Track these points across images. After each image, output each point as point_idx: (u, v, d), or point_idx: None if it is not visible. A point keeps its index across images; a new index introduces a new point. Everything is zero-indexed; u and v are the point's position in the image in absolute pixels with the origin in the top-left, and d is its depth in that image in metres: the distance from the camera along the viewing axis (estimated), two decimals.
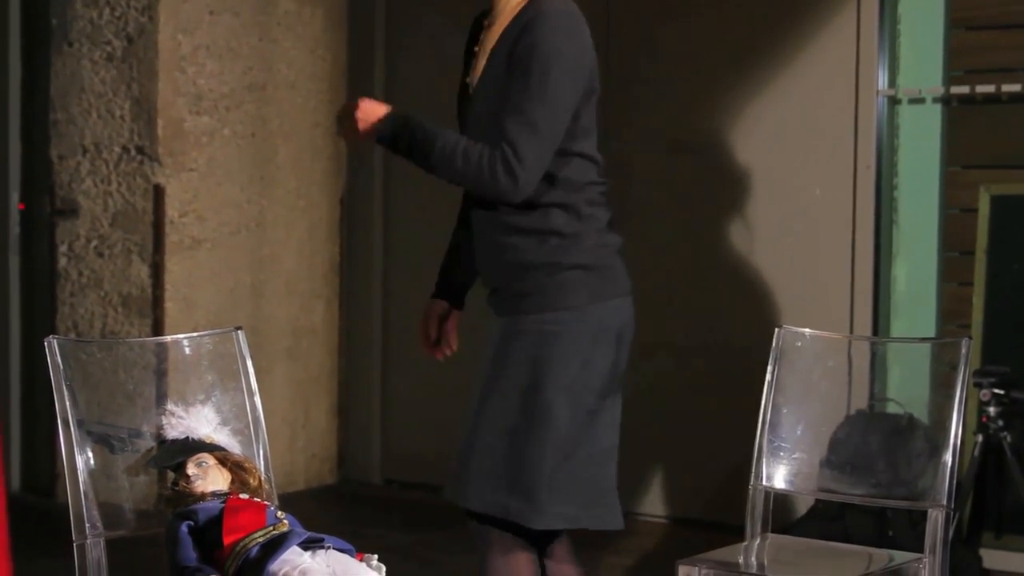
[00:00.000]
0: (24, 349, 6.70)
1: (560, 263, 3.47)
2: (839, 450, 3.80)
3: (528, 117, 3.34)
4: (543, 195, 3.44)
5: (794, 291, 5.89)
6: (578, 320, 3.49)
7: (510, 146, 3.33)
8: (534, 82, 3.35)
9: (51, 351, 3.19)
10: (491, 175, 3.34)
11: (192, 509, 3.09)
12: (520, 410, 3.47)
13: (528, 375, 3.48)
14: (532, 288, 3.47)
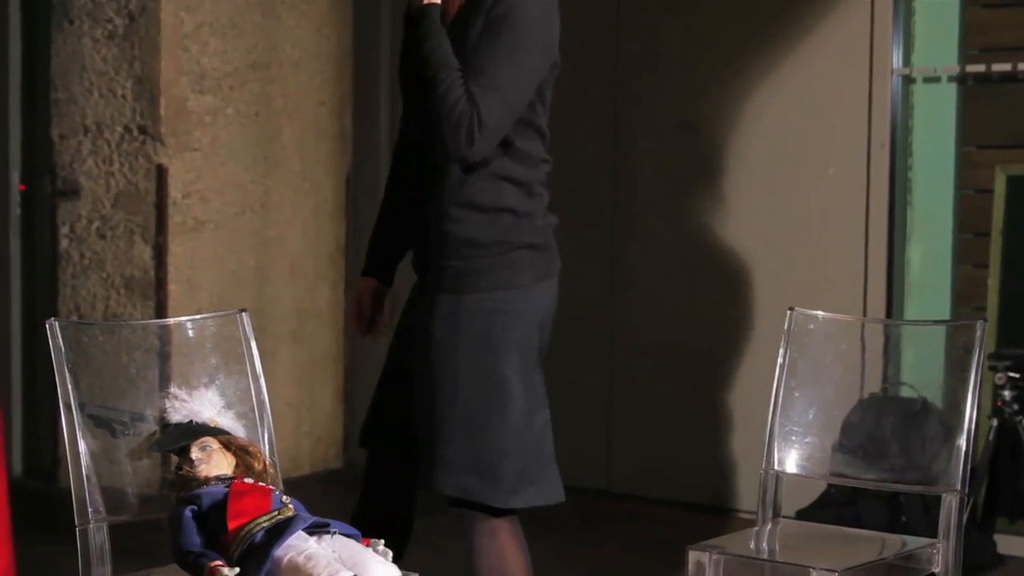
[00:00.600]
0: (25, 332, 6.71)
1: (511, 242, 3.50)
2: (852, 434, 3.80)
3: (495, 81, 3.35)
4: (499, 167, 3.47)
5: (807, 273, 5.89)
6: (526, 299, 3.54)
7: (474, 107, 3.33)
8: (506, 46, 3.36)
9: (52, 334, 3.19)
10: (455, 125, 3.33)
11: (196, 494, 3.09)
12: (476, 390, 3.50)
13: (481, 354, 3.50)
14: (482, 266, 3.49)
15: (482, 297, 3.51)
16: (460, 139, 3.35)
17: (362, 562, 2.97)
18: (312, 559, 2.94)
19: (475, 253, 3.50)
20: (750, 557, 3.46)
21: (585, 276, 6.43)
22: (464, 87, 3.35)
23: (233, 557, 3.00)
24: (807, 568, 3.31)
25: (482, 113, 3.34)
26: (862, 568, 3.37)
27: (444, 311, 3.53)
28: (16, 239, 6.71)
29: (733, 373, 6.05)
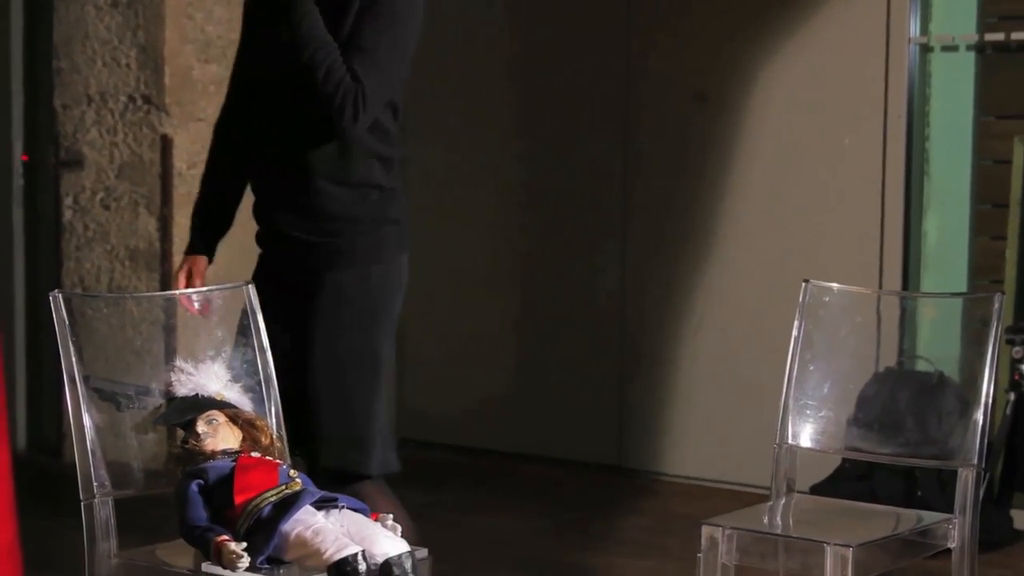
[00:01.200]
0: (28, 305, 6.72)
1: (379, 217, 3.62)
2: (867, 408, 3.81)
3: (377, 58, 3.47)
4: (367, 144, 3.55)
5: (822, 244, 5.89)
6: (393, 273, 3.68)
7: (359, 84, 3.45)
8: (386, 25, 3.48)
9: (56, 306, 3.20)
10: (341, 103, 3.46)
11: (202, 468, 3.10)
12: (356, 365, 3.60)
13: (361, 330, 3.60)
14: (356, 242, 3.56)
15: (354, 273, 3.61)
16: (346, 116, 3.47)
17: (370, 536, 2.99)
18: (320, 534, 2.95)
19: (348, 229, 3.58)
20: (763, 532, 3.47)
21: (597, 248, 6.43)
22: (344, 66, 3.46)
23: (240, 532, 3.01)
24: (821, 543, 3.32)
25: (366, 90, 3.46)
26: (877, 543, 3.38)
27: (322, 289, 3.57)
28: (19, 210, 6.72)
29: (747, 346, 6.05)
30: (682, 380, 6.26)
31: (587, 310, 6.47)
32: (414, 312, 6.90)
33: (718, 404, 6.16)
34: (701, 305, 6.20)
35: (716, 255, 6.15)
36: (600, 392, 6.45)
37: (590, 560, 5.16)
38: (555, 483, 6.28)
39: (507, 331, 6.67)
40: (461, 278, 6.77)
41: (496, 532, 5.58)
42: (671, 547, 5.28)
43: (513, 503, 5.95)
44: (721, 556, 3.44)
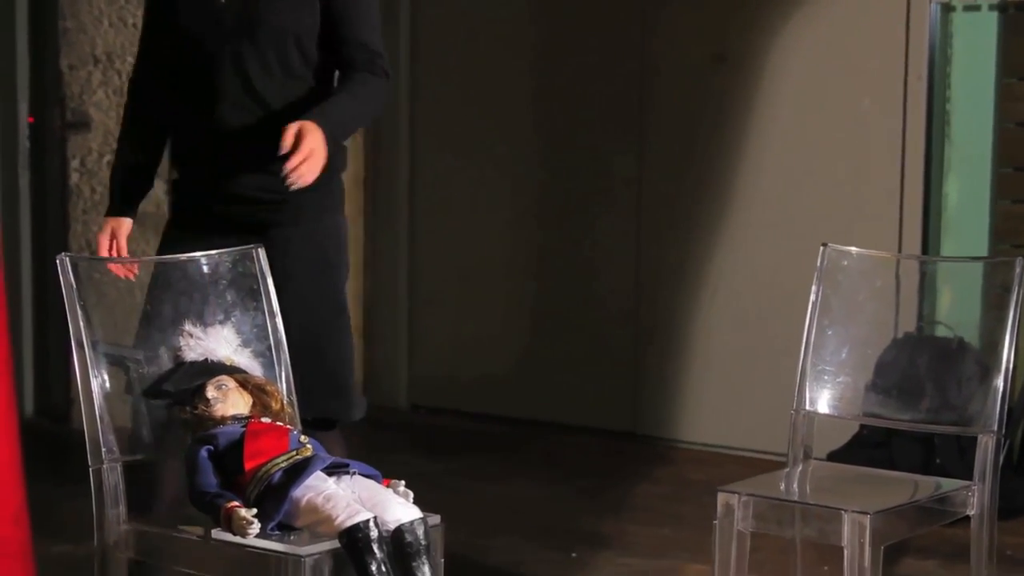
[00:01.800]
0: (35, 269, 6.74)
1: (336, 168, 3.71)
2: (886, 374, 3.81)
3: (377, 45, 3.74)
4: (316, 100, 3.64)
5: (840, 208, 5.88)
6: (345, 223, 3.81)
7: (380, 57, 3.72)
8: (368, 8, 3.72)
9: (63, 270, 3.21)
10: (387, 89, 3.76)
11: (212, 433, 3.12)
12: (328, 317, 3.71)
13: (328, 282, 3.70)
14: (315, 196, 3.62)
15: (320, 225, 3.70)
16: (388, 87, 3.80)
17: (382, 503, 3.00)
18: (331, 500, 2.96)
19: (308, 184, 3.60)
20: (780, 499, 3.48)
21: (612, 214, 6.43)
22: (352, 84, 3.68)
23: (250, 498, 3.02)
24: (839, 510, 3.33)
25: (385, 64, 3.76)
26: (895, 510, 3.39)
27: (288, 244, 3.63)
28: (25, 173, 6.73)
29: (764, 311, 6.05)
30: (698, 346, 6.26)
31: (602, 276, 6.47)
32: (427, 277, 6.91)
33: (734, 370, 6.17)
34: (717, 270, 6.20)
35: (732, 219, 6.15)
36: (615, 358, 6.46)
37: (604, 528, 5.17)
38: (569, 450, 6.29)
39: (521, 297, 6.68)
40: (475, 243, 6.77)
41: (509, 499, 5.59)
42: (686, 514, 5.30)
43: (526, 470, 5.97)
44: (737, 523, 3.45)
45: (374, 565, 2.89)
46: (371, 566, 2.88)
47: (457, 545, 4.02)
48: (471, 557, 4.83)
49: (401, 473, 3.18)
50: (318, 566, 2.93)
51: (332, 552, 2.95)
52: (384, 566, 2.89)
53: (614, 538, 5.08)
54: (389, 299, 7.00)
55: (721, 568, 3.47)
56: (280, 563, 2.93)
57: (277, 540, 2.99)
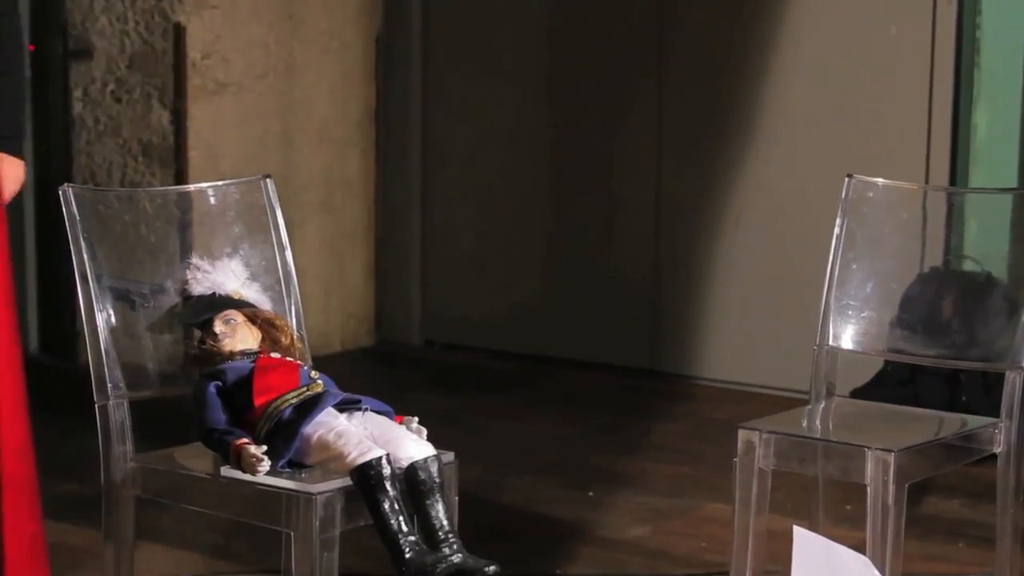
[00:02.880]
0: (38, 202, 6.74)
1: None
2: (911, 309, 3.81)
3: None
4: None
5: (865, 138, 5.86)
6: None
7: None
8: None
9: (67, 201, 3.21)
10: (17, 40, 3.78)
11: (220, 369, 3.13)
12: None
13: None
14: None
15: None
16: None
17: (395, 440, 3.01)
18: (343, 437, 2.98)
19: None
20: (802, 436, 3.49)
21: (631, 147, 6.42)
22: None
23: (260, 435, 3.04)
24: (862, 448, 3.34)
25: None
26: (919, 448, 3.40)
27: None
28: (27, 103, 6.71)
29: (786, 245, 6.04)
30: (718, 281, 6.26)
31: (621, 208, 6.47)
32: (440, 210, 6.91)
33: (756, 305, 6.17)
34: (739, 203, 6.19)
35: (755, 150, 6.13)
36: (633, 293, 6.46)
37: (621, 466, 5.19)
38: (586, 387, 6.31)
39: (537, 231, 6.68)
40: (490, 175, 6.76)
41: (524, 437, 5.61)
42: (706, 452, 5.32)
43: (542, 408, 5.98)
44: (758, 461, 3.46)
45: (387, 503, 2.90)
46: (383, 504, 2.90)
47: (471, 483, 4.04)
48: (485, 495, 4.86)
49: (414, 410, 3.19)
50: (330, 504, 2.95)
51: (344, 490, 2.97)
52: (397, 504, 2.91)
53: (632, 477, 5.10)
54: (401, 233, 7.00)
55: (741, 507, 3.49)
56: (291, 501, 2.95)
57: (287, 478, 3.00)
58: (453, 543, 2.93)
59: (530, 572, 4.22)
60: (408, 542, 2.90)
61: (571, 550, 4.44)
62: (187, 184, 5.29)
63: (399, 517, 2.91)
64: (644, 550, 4.45)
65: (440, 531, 2.94)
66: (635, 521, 4.69)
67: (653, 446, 5.45)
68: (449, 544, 2.93)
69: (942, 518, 4.70)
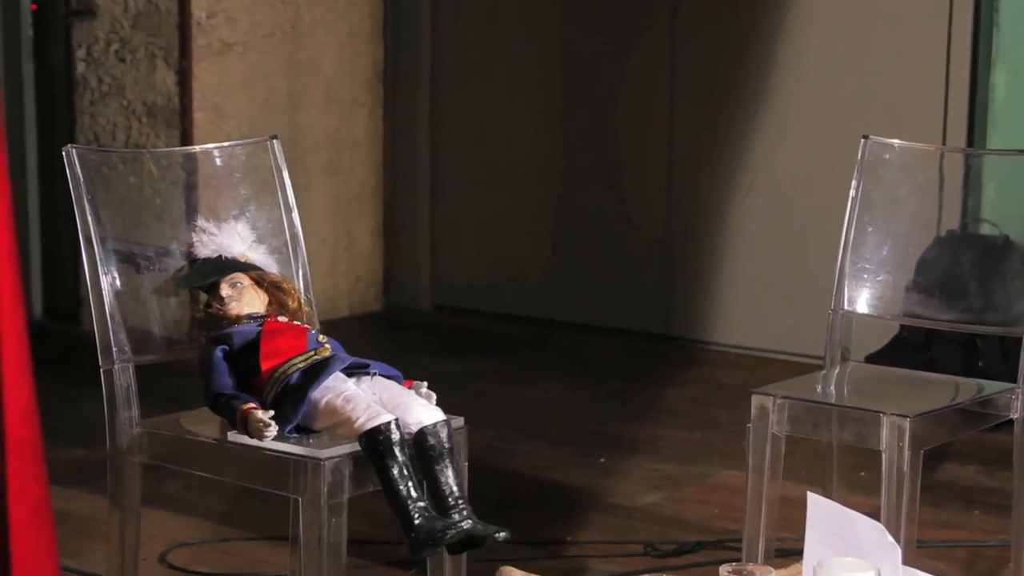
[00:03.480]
0: (41, 164, 6.75)
1: None
2: (927, 272, 3.81)
3: None
4: None
5: (882, 99, 5.85)
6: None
7: None
8: None
9: (70, 162, 3.21)
10: None
11: (226, 333, 3.13)
12: None
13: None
14: None
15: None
16: None
17: (403, 405, 3.01)
18: (351, 401, 2.98)
19: None
20: (816, 402, 3.49)
21: (643, 108, 6.41)
22: None
23: (267, 399, 3.05)
24: (877, 413, 3.34)
25: None
26: (935, 414, 3.40)
27: None
28: (29, 63, 6.71)
29: (801, 207, 6.04)
30: (732, 244, 6.26)
31: (633, 171, 6.46)
32: (450, 173, 6.90)
33: (770, 269, 6.17)
34: (753, 165, 6.19)
35: (769, 111, 6.12)
36: (646, 257, 6.46)
37: (633, 432, 5.20)
38: (597, 352, 6.32)
39: (548, 193, 6.67)
40: (501, 136, 6.76)
41: (535, 402, 5.62)
42: (719, 418, 5.33)
43: (553, 373, 5.99)
44: (771, 426, 3.46)
45: (395, 468, 2.91)
46: (392, 469, 2.91)
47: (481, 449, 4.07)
48: (495, 461, 4.87)
49: (423, 375, 3.19)
50: (338, 469, 2.96)
51: (352, 455, 2.97)
52: (406, 469, 2.91)
53: (643, 443, 5.11)
54: (410, 196, 7.00)
55: (754, 473, 3.49)
56: (298, 467, 2.96)
57: (295, 443, 3.01)
58: (463, 509, 2.94)
59: (540, 539, 4.23)
60: (417, 508, 2.90)
61: (582, 517, 4.45)
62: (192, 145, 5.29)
63: (408, 483, 2.91)
64: (656, 517, 4.46)
65: (449, 497, 2.94)
66: (647, 488, 4.70)
67: (665, 412, 5.46)
68: (459, 510, 2.93)
69: (958, 485, 4.71)
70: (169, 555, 4.12)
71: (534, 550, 4.13)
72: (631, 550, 4.20)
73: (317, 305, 3.48)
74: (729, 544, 4.15)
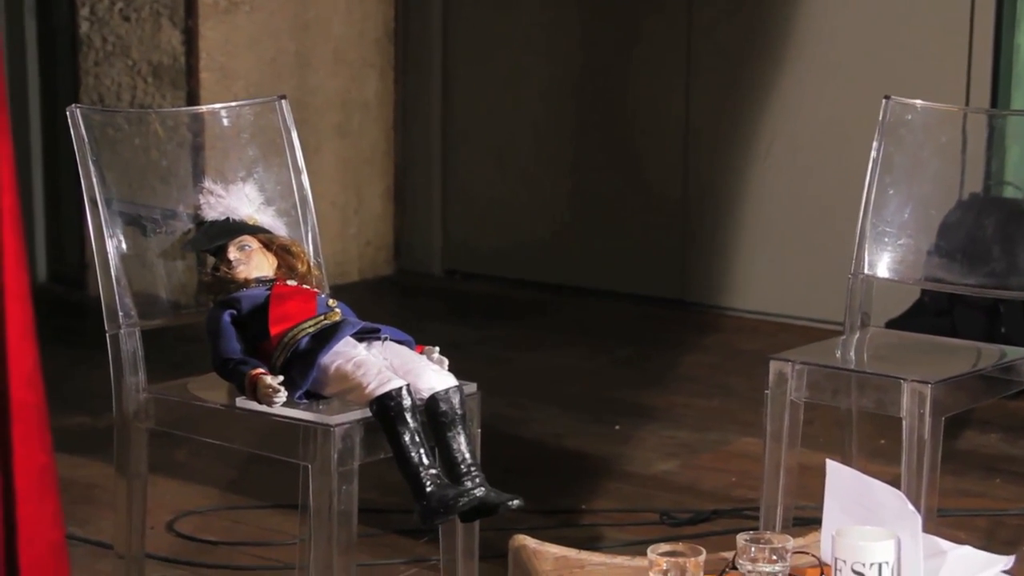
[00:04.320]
0: (45, 127, 6.75)
1: None
2: (949, 236, 3.81)
3: None
4: None
5: (904, 59, 5.84)
6: None
7: None
8: None
9: (74, 122, 3.21)
10: None
11: (235, 297, 3.14)
12: None
13: None
14: None
15: None
16: None
17: (415, 370, 3.02)
18: (362, 367, 2.98)
19: None
20: (836, 367, 3.49)
21: (659, 67, 6.39)
22: None
23: (276, 365, 3.05)
24: (898, 379, 3.34)
25: None
26: (957, 380, 3.40)
27: None
28: (32, 22, 6.71)
29: (821, 169, 6.03)
30: (750, 207, 6.25)
31: (648, 132, 6.45)
32: (461, 136, 6.90)
33: (789, 232, 6.16)
34: (771, 126, 6.17)
35: (788, 71, 6.11)
36: (661, 220, 6.45)
37: (649, 399, 5.21)
38: (612, 318, 6.32)
39: (562, 156, 6.67)
40: (513, 98, 6.74)
41: (549, 369, 5.63)
42: (736, 385, 5.33)
43: (567, 339, 6.00)
44: (790, 393, 3.47)
45: (407, 435, 2.91)
46: (404, 436, 2.91)
47: (494, 416, 4.07)
48: (508, 429, 4.88)
49: (435, 341, 3.20)
50: (348, 436, 2.96)
51: (363, 422, 2.98)
52: (417, 436, 2.92)
53: (660, 410, 5.11)
54: (422, 159, 6.99)
55: (772, 441, 3.50)
56: (308, 433, 2.97)
57: (304, 409, 3.01)
58: (475, 476, 2.94)
59: (554, 507, 4.24)
60: (429, 475, 2.91)
61: (596, 485, 4.46)
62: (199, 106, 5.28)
63: (420, 449, 2.92)
64: (672, 485, 4.46)
65: (462, 464, 2.95)
66: (662, 456, 4.71)
67: (681, 378, 5.47)
68: (471, 477, 2.94)
69: (979, 453, 4.71)
70: (177, 523, 4.14)
71: (548, 518, 4.14)
72: (646, 518, 4.21)
73: (326, 269, 3.49)
74: (746, 513, 4.16)
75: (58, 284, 6.72)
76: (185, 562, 3.92)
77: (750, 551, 2.49)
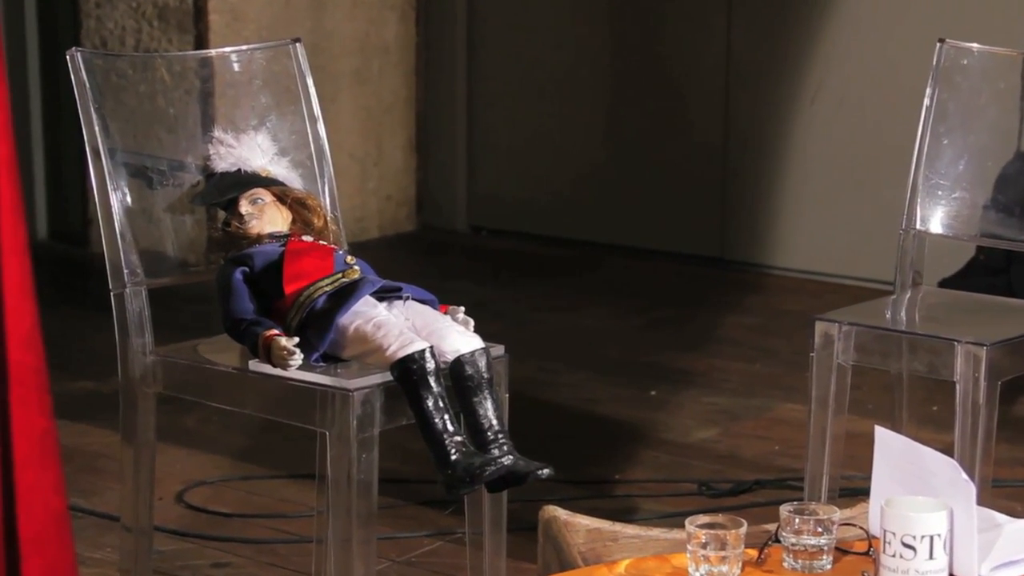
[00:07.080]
0: (44, 72, 6.76)
1: None
2: (1007, 189, 3.80)
3: None
4: None
5: (961, 0, 5.82)
6: None
7: None
8: None
9: (75, 67, 3.21)
10: None
11: (247, 253, 3.14)
12: None
13: None
14: None
15: None
16: None
17: (439, 331, 3.02)
18: (382, 328, 2.99)
19: None
20: (886, 329, 3.49)
21: (699, 12, 6.38)
22: None
23: (291, 325, 3.06)
24: (951, 341, 3.34)
25: None
26: (1014, 342, 3.40)
27: None
28: None
29: (869, 118, 6.02)
30: (794, 160, 6.24)
31: (687, 79, 6.44)
32: (488, 85, 6.89)
33: (835, 186, 6.16)
34: (817, 73, 6.16)
35: (836, 15, 6.09)
36: (700, 173, 6.45)
37: (687, 362, 5.22)
38: (647, 277, 6.32)
39: (594, 104, 6.66)
40: (544, 44, 6.74)
41: (580, 330, 5.64)
42: (779, 348, 5.33)
43: (600, 299, 6.01)
44: (837, 356, 3.47)
45: (430, 400, 2.92)
46: (427, 401, 2.92)
47: (522, 380, 4.08)
48: (538, 394, 4.89)
49: (460, 301, 3.20)
50: (368, 401, 2.97)
51: (383, 386, 2.99)
52: (441, 401, 2.93)
53: (699, 374, 5.12)
54: (446, 109, 6.99)
55: (818, 406, 3.50)
56: (325, 398, 2.98)
57: (322, 372, 3.02)
58: (503, 444, 2.95)
59: (586, 477, 4.26)
60: (454, 442, 2.92)
61: (631, 453, 4.47)
62: None
63: (444, 415, 2.92)
64: (711, 454, 4.48)
65: (489, 431, 2.96)
66: (701, 423, 4.72)
67: (721, 341, 5.48)
68: (499, 445, 2.95)
69: None
70: (187, 494, 4.16)
71: (580, 488, 4.16)
72: (684, 489, 4.22)
73: (344, 225, 3.48)
74: (790, 483, 4.17)
75: (59, 241, 6.75)
76: (196, 535, 3.95)
77: (794, 523, 2.49)
